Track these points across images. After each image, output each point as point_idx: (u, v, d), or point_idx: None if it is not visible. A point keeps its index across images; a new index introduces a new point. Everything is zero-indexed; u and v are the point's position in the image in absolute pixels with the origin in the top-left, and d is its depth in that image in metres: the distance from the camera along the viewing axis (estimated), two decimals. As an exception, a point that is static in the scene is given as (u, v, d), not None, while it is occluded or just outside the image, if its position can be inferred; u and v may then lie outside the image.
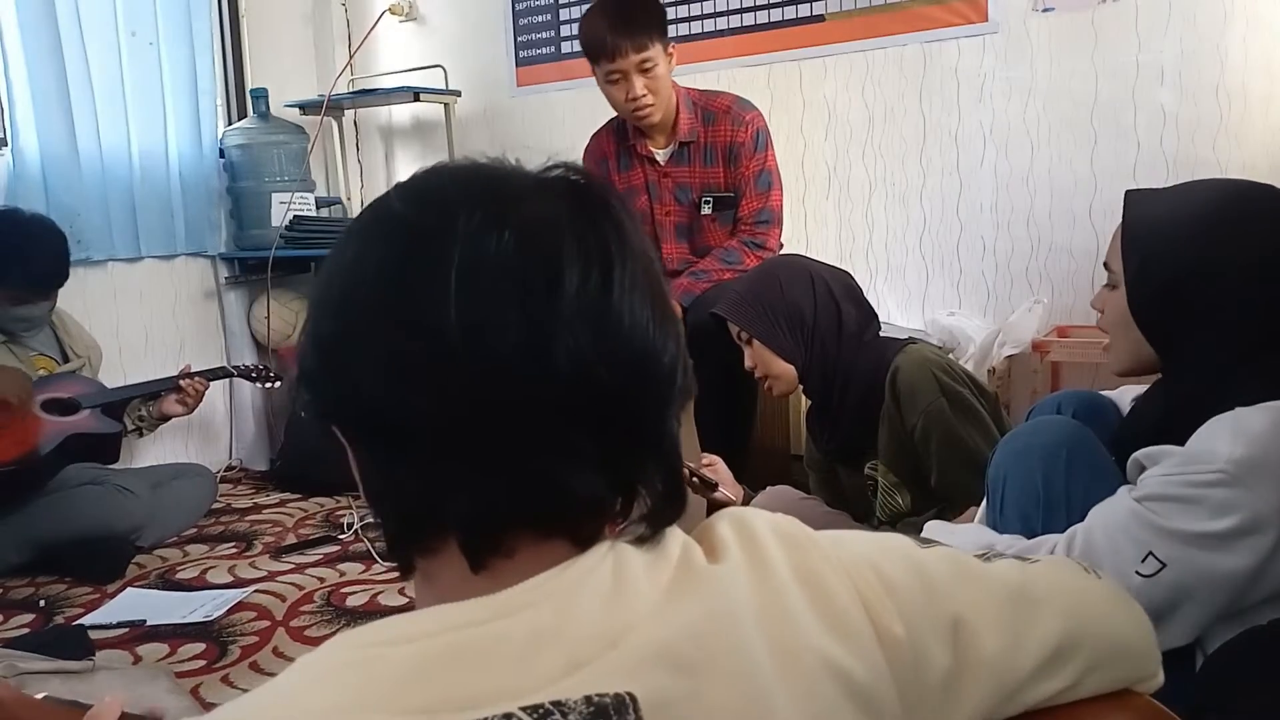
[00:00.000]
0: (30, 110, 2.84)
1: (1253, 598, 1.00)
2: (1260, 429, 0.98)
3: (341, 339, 0.54)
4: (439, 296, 0.51)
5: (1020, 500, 1.21)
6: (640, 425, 0.55)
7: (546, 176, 0.58)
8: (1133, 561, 1.00)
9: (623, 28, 2.29)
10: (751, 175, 2.44)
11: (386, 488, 0.56)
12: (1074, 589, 0.67)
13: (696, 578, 0.55)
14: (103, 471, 2.53)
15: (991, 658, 0.60)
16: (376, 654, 0.49)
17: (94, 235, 2.98)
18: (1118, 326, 1.15)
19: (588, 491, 0.53)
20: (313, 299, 0.58)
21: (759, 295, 1.84)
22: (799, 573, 0.57)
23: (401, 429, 0.52)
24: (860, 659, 0.55)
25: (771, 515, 0.61)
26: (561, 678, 0.49)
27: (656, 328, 0.55)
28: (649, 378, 0.55)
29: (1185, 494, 0.99)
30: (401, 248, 0.54)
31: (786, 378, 1.85)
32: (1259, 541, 0.96)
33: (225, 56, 3.57)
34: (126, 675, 1.63)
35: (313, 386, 0.57)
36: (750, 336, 1.85)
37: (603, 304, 0.53)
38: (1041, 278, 2.76)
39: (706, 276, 2.40)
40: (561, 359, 0.51)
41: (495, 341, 0.51)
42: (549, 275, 0.52)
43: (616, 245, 0.55)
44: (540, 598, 0.51)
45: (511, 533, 0.53)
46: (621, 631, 0.51)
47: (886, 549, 0.62)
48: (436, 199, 0.56)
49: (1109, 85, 2.60)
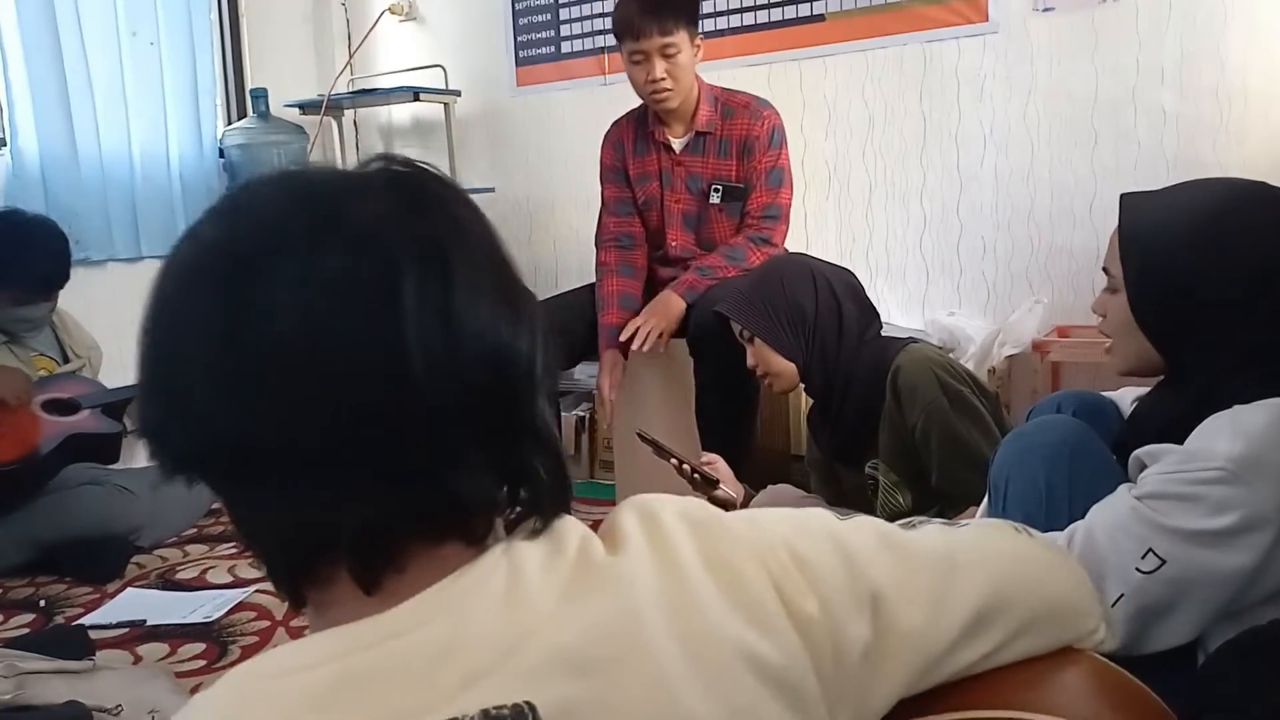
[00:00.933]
0: (30, 110, 2.84)
1: (1253, 596, 1.00)
2: (1259, 426, 0.98)
3: (178, 381, 0.51)
4: (275, 319, 0.49)
5: (1023, 499, 1.21)
6: (511, 418, 0.53)
7: (366, 172, 0.55)
8: (1133, 558, 1.00)
9: (651, 10, 2.34)
10: (764, 170, 2.45)
11: (261, 524, 0.54)
12: (999, 551, 0.66)
13: (596, 573, 0.53)
14: (103, 471, 2.53)
15: (912, 629, 0.59)
16: (274, 686, 0.48)
17: (94, 235, 2.98)
18: (1121, 330, 1.15)
19: (472, 492, 0.52)
20: (142, 349, 0.54)
21: (761, 293, 1.85)
22: (707, 560, 0.56)
23: (266, 461, 0.50)
24: (774, 643, 0.54)
25: (681, 501, 0.60)
26: (459, 693, 0.47)
27: (506, 317, 0.53)
28: (509, 370, 0.53)
29: (1185, 491, 0.99)
30: (224, 276, 0.50)
31: (787, 376, 1.86)
32: (1258, 539, 0.96)
33: (225, 56, 3.57)
34: (126, 675, 1.63)
35: (161, 439, 0.53)
36: (752, 335, 1.85)
37: (446, 303, 0.50)
38: (1041, 278, 2.76)
39: (711, 273, 2.41)
40: (417, 364, 0.49)
41: (346, 355, 0.49)
42: (386, 281, 0.49)
43: (453, 238, 0.53)
44: (435, 611, 0.50)
45: (401, 546, 0.51)
46: (519, 638, 0.49)
47: (804, 526, 0.61)
48: (252, 219, 0.53)
49: (1109, 85, 2.60)
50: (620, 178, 2.60)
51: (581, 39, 3.37)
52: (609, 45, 3.26)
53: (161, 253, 3.19)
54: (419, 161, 0.56)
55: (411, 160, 0.56)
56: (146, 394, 0.53)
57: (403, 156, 0.56)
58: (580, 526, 0.57)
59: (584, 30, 3.36)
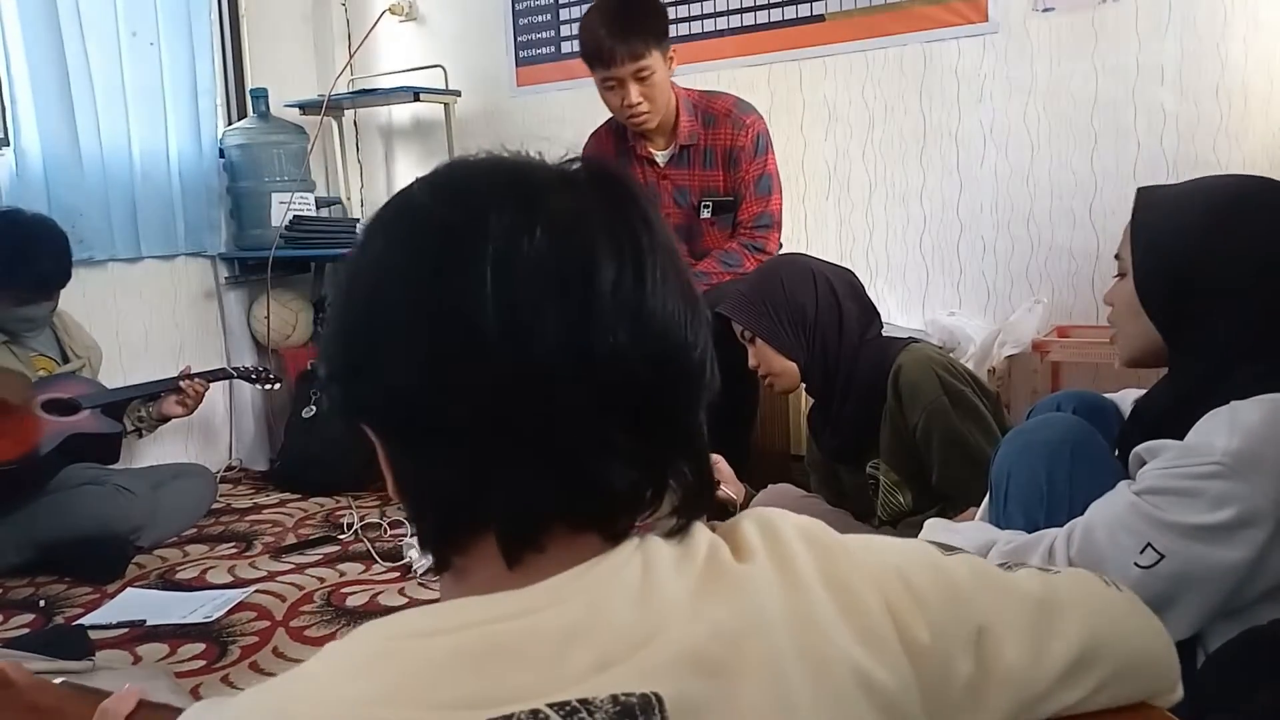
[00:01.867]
0: (32, 110, 2.84)
1: (1251, 592, 1.00)
2: (1257, 421, 0.98)
3: (373, 335, 0.53)
4: (474, 293, 0.50)
5: (1024, 497, 1.22)
6: (674, 419, 0.55)
7: (569, 169, 0.57)
8: (1131, 553, 1.00)
9: (619, 35, 2.26)
10: (751, 180, 2.43)
11: (422, 485, 0.55)
12: (1095, 600, 0.67)
13: (725, 578, 0.54)
14: (103, 471, 2.53)
15: (1014, 667, 0.59)
16: (407, 646, 0.49)
17: (95, 235, 2.98)
18: (1126, 315, 1.16)
19: (624, 486, 0.53)
20: (338, 295, 0.57)
21: (762, 293, 1.85)
22: (827, 578, 0.56)
23: (438, 426, 0.52)
24: (888, 668, 0.54)
25: (796, 518, 0.60)
26: (590, 676, 0.48)
27: (688, 321, 0.55)
28: (683, 372, 0.55)
29: (1183, 486, 0.99)
30: (433, 243, 0.53)
31: (789, 375, 1.86)
32: (1256, 533, 0.97)
33: (225, 56, 3.57)
34: (126, 675, 1.63)
35: (341, 384, 0.56)
36: (753, 335, 1.85)
37: (637, 299, 0.52)
38: (1041, 278, 2.76)
39: (706, 279, 2.40)
40: (600, 355, 0.51)
41: (534, 338, 0.50)
42: (584, 270, 0.52)
43: (647, 238, 0.55)
44: (571, 594, 0.51)
45: (546, 526, 0.53)
46: (652, 632, 0.50)
47: (913, 556, 0.61)
48: (464, 193, 0.55)
49: (1109, 85, 2.60)
50: None
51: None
52: (609, 45, 3.27)
53: (162, 252, 3.23)
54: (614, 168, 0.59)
55: (609, 165, 0.59)
56: (339, 339, 0.56)
57: (602, 161, 0.59)
58: (707, 530, 0.58)
59: (584, 30, 3.36)
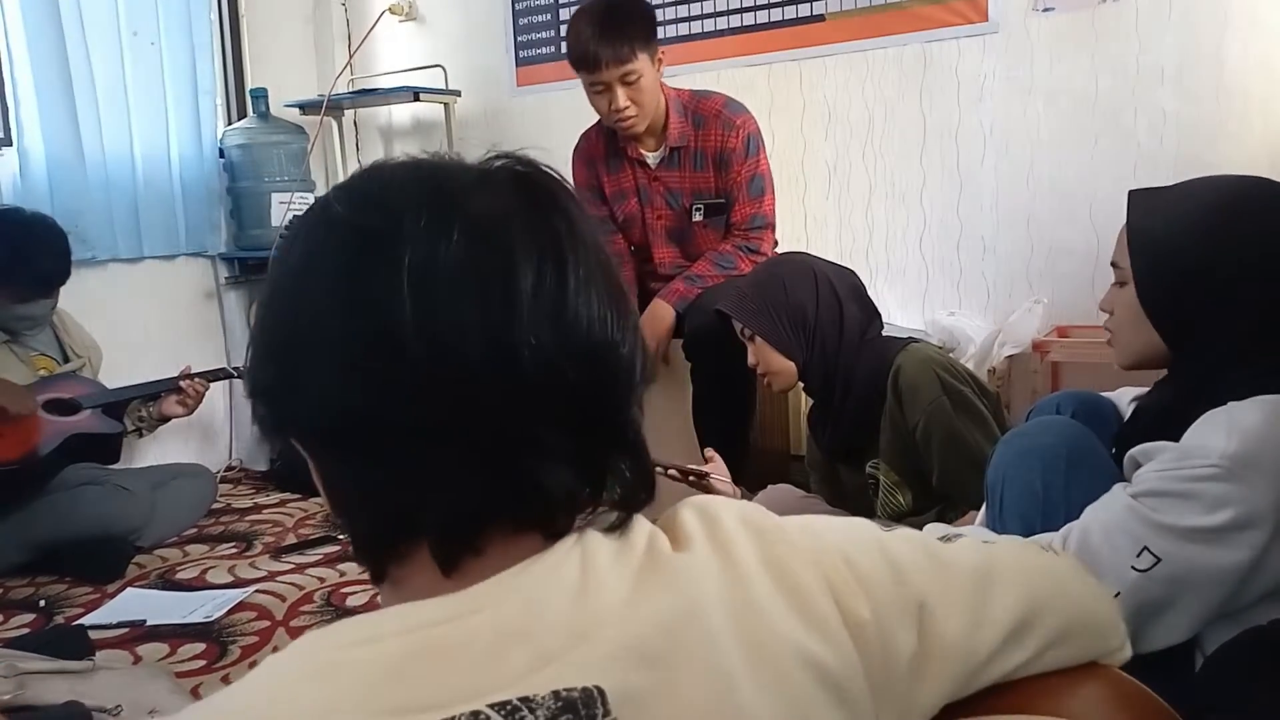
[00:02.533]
0: (35, 110, 2.84)
1: (1249, 595, 1.00)
2: (1254, 424, 0.98)
3: (295, 347, 0.53)
4: (393, 299, 0.50)
5: (1020, 501, 1.21)
6: (606, 417, 0.55)
7: (490, 168, 0.57)
8: (1128, 557, 1.00)
9: (605, 40, 2.24)
10: (744, 181, 2.42)
11: (354, 496, 0.55)
12: (1033, 565, 0.68)
13: (664, 568, 0.55)
14: (103, 471, 2.54)
15: (955, 638, 0.60)
16: (345, 656, 0.49)
17: (97, 235, 2.98)
18: (1127, 322, 1.16)
19: (558, 485, 0.53)
20: (261, 309, 0.57)
21: (761, 292, 1.85)
22: (767, 562, 0.57)
23: (366, 435, 0.52)
24: (830, 646, 0.55)
25: (739, 504, 0.61)
26: (529, 674, 0.48)
27: (614, 319, 0.55)
28: (611, 370, 0.55)
29: (1180, 489, 0.99)
30: (350, 251, 0.52)
31: (787, 374, 1.86)
32: (1253, 536, 0.96)
33: (225, 56, 3.57)
34: (127, 675, 1.63)
35: (268, 399, 0.56)
36: (752, 333, 1.85)
37: (559, 300, 0.53)
38: (1041, 278, 2.76)
39: (701, 281, 2.39)
40: (525, 358, 0.51)
41: (456, 344, 0.50)
42: (503, 272, 0.52)
43: (568, 238, 0.54)
44: (507, 593, 0.51)
45: (483, 530, 0.53)
46: (590, 625, 0.51)
47: (853, 534, 0.62)
48: (379, 199, 0.55)
49: (1109, 85, 2.60)
50: (596, 196, 2.54)
51: (581, 39, 3.36)
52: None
53: (163, 252, 3.22)
54: (541, 163, 0.58)
55: (533, 161, 0.58)
56: (262, 355, 0.55)
57: (525, 156, 0.58)
58: (646, 522, 0.58)
59: (584, 30, 3.36)
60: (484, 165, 0.57)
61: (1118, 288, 1.18)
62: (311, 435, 0.55)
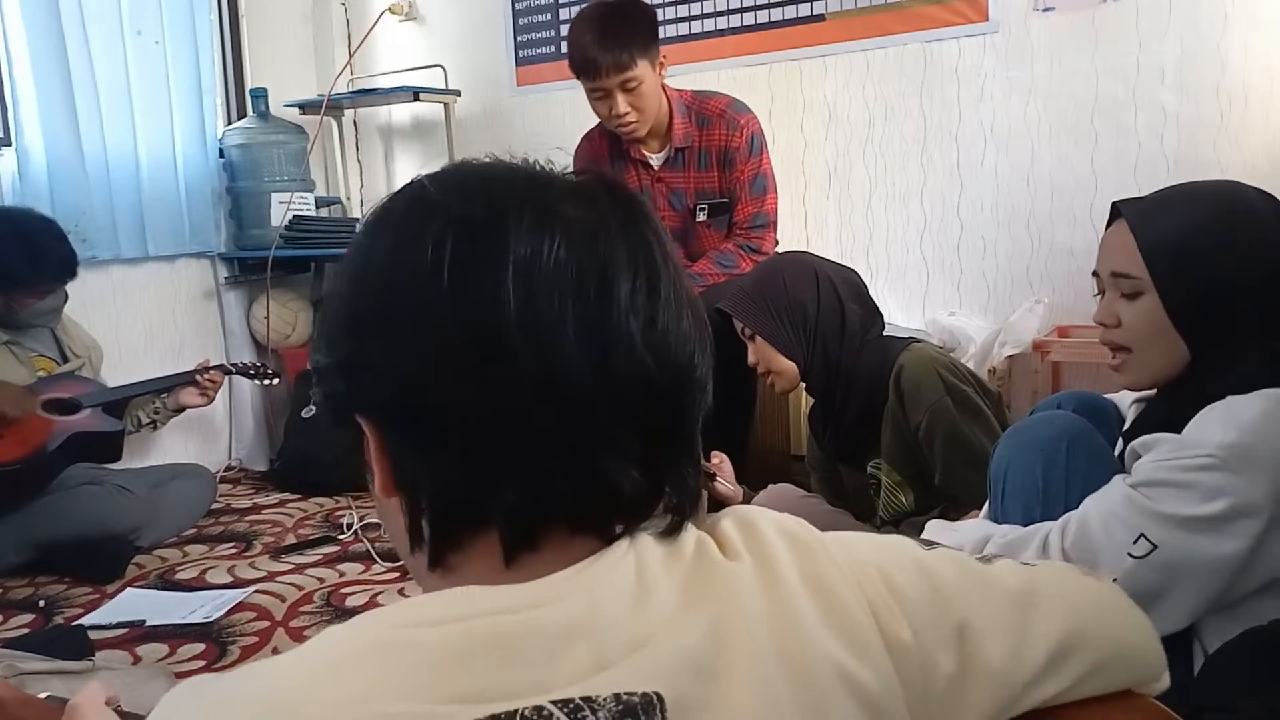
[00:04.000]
0: (35, 109, 2.84)
1: (1245, 586, 1.01)
2: (1252, 416, 0.99)
3: (386, 326, 0.53)
4: (497, 293, 0.51)
5: (1021, 493, 1.22)
6: (678, 426, 0.56)
7: (580, 181, 0.58)
8: (1125, 544, 1.01)
9: (605, 47, 2.24)
10: (746, 180, 2.43)
11: (423, 480, 0.54)
12: (1075, 591, 0.67)
13: (712, 577, 0.55)
14: (102, 471, 2.54)
15: (996, 662, 0.60)
16: (408, 636, 0.48)
17: (99, 234, 2.97)
18: (1150, 335, 1.11)
19: (632, 489, 0.53)
20: (343, 283, 0.56)
21: (763, 291, 1.85)
22: (807, 578, 0.57)
23: (451, 420, 0.52)
24: (870, 668, 0.55)
25: (776, 515, 0.61)
26: (590, 675, 0.49)
27: (695, 334, 0.56)
28: (689, 381, 0.56)
29: (1177, 478, 1.00)
30: (452, 238, 0.52)
31: (788, 374, 1.86)
32: (1249, 526, 0.97)
33: (225, 56, 3.56)
34: (126, 675, 1.63)
35: (347, 375, 0.55)
36: (753, 333, 1.85)
37: (651, 310, 0.53)
38: (1042, 278, 2.76)
39: (702, 280, 2.40)
40: (619, 364, 0.52)
41: (552, 343, 0.51)
42: (603, 280, 0.52)
43: (659, 254, 0.56)
44: (570, 591, 0.51)
45: (546, 526, 0.53)
46: (647, 631, 0.51)
47: (892, 553, 0.62)
48: (481, 193, 0.55)
49: (1109, 85, 2.60)
50: None
51: (581, 39, 3.36)
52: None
53: (163, 252, 3.22)
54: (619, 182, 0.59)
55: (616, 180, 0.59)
56: (346, 330, 0.55)
57: (607, 175, 0.60)
58: (693, 529, 0.58)
59: (584, 30, 3.35)
60: (570, 175, 0.58)
61: (1123, 300, 1.14)
62: (389, 416, 0.54)
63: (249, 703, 0.46)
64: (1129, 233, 1.12)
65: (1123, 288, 1.14)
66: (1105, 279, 1.17)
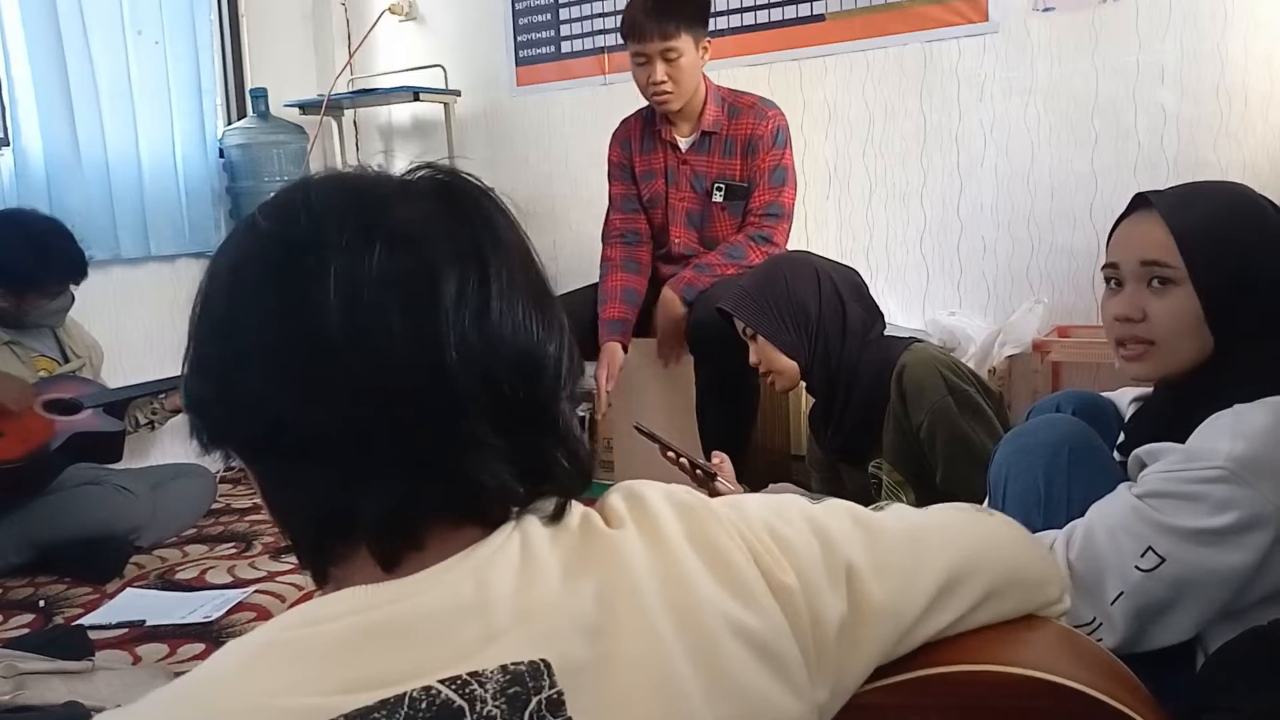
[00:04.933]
0: (34, 109, 2.83)
1: (1252, 595, 1.00)
2: (1260, 426, 0.98)
3: (227, 359, 0.55)
4: (322, 310, 0.52)
5: (1022, 499, 1.21)
6: (535, 414, 0.57)
7: (412, 179, 0.59)
8: (1132, 556, 1.00)
9: (654, 13, 2.34)
10: (767, 169, 2.46)
11: (293, 501, 0.56)
12: (963, 525, 0.70)
13: (597, 545, 0.57)
14: (102, 471, 2.53)
15: (884, 599, 0.63)
16: (299, 635, 0.50)
17: (99, 235, 2.97)
18: (1181, 327, 1.08)
19: (495, 482, 0.55)
20: (193, 325, 0.58)
21: (764, 291, 1.85)
22: (691, 536, 0.59)
23: (301, 440, 0.53)
24: (756, 613, 0.57)
25: (665, 486, 0.63)
26: (479, 650, 0.50)
27: (538, 321, 0.57)
28: (538, 370, 0.57)
29: (1185, 490, 0.99)
30: (276, 265, 0.54)
31: (789, 374, 1.86)
32: (1258, 538, 0.96)
33: (225, 56, 3.57)
34: (126, 675, 1.63)
35: (203, 412, 0.57)
36: (755, 332, 1.85)
37: (483, 305, 0.54)
38: (1042, 278, 2.76)
39: (710, 270, 2.41)
40: (452, 361, 0.52)
41: (384, 350, 0.52)
42: (427, 279, 0.53)
43: (490, 244, 0.56)
44: (456, 577, 0.53)
45: (422, 526, 0.54)
46: (533, 602, 0.52)
47: (780, 510, 0.65)
48: (304, 212, 0.56)
49: (1109, 85, 2.60)
50: (626, 175, 2.62)
51: (581, 39, 3.37)
52: (609, 45, 3.26)
53: (163, 253, 3.22)
54: (462, 171, 0.60)
55: (455, 169, 0.60)
56: (195, 370, 0.57)
57: (447, 165, 0.60)
58: (579, 506, 0.60)
59: (584, 30, 3.36)
60: (406, 175, 0.59)
61: (1148, 291, 1.10)
62: (247, 446, 0.56)
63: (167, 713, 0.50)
64: (1159, 222, 1.09)
65: (1155, 277, 1.09)
66: (1130, 270, 1.11)
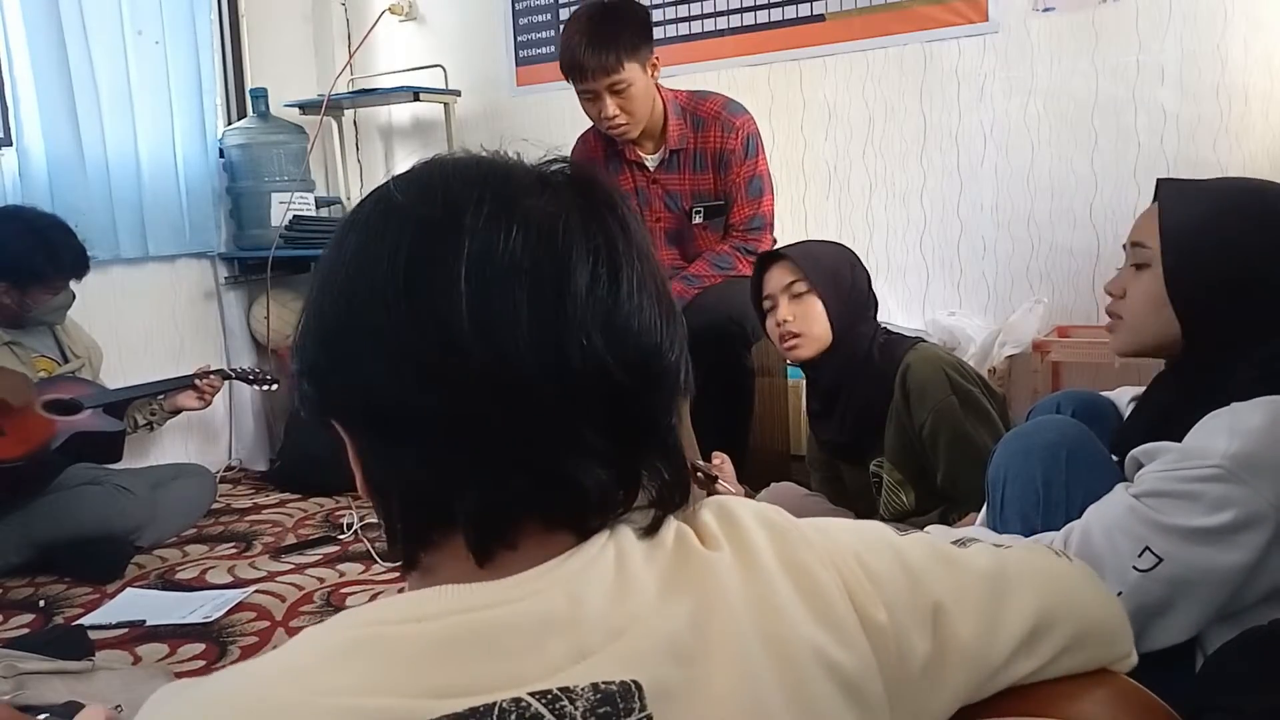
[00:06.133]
0: (35, 109, 2.83)
1: (1250, 595, 1.00)
2: (1257, 425, 0.98)
3: (348, 331, 0.54)
4: (449, 291, 0.51)
5: (1020, 500, 1.21)
6: (647, 421, 0.56)
7: (548, 171, 0.57)
8: (1129, 557, 1.00)
9: (593, 49, 2.22)
10: (743, 182, 2.41)
11: (392, 481, 0.55)
12: (1046, 571, 0.68)
13: (693, 566, 0.55)
14: (102, 471, 2.53)
15: (970, 642, 0.61)
16: (388, 633, 0.49)
17: (99, 235, 2.96)
18: (1146, 307, 1.14)
19: (597, 486, 0.53)
20: (313, 292, 0.57)
21: (822, 254, 1.85)
22: (785, 562, 0.57)
23: (412, 422, 0.52)
24: (847, 648, 0.56)
25: (755, 504, 0.62)
26: (569, 665, 0.49)
27: (663, 327, 0.55)
28: (656, 376, 0.55)
29: (1182, 489, 0.99)
30: (408, 241, 0.53)
31: (820, 340, 1.81)
32: (1255, 537, 0.96)
33: (225, 56, 3.56)
34: (126, 675, 1.63)
35: (315, 379, 0.56)
36: (809, 288, 1.80)
37: (612, 304, 0.53)
38: (1042, 278, 2.76)
39: (698, 282, 2.39)
40: (573, 358, 0.51)
41: (507, 339, 0.50)
42: (559, 274, 0.52)
43: (623, 244, 0.55)
44: (548, 585, 0.51)
45: (517, 524, 0.53)
46: (626, 621, 0.51)
47: (868, 537, 0.63)
48: (440, 191, 0.55)
49: (1109, 85, 2.60)
50: None
51: (581, 39, 3.36)
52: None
53: (163, 252, 3.22)
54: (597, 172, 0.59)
55: (591, 168, 0.59)
56: (314, 335, 0.56)
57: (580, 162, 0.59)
58: (674, 521, 0.59)
59: (584, 30, 3.35)
60: (542, 167, 0.58)
61: (1133, 270, 1.16)
62: (356, 419, 0.55)
63: (232, 702, 0.48)
64: (1156, 207, 1.14)
65: (1136, 258, 1.15)
66: (1126, 249, 1.18)
